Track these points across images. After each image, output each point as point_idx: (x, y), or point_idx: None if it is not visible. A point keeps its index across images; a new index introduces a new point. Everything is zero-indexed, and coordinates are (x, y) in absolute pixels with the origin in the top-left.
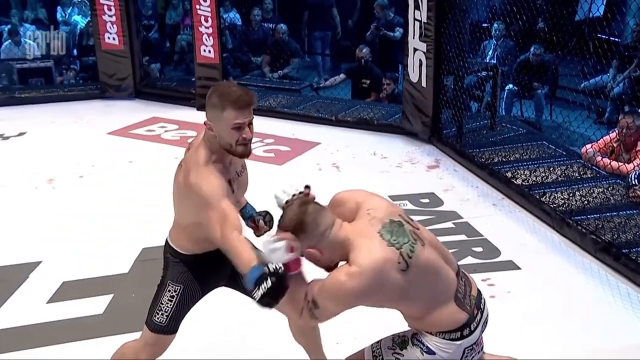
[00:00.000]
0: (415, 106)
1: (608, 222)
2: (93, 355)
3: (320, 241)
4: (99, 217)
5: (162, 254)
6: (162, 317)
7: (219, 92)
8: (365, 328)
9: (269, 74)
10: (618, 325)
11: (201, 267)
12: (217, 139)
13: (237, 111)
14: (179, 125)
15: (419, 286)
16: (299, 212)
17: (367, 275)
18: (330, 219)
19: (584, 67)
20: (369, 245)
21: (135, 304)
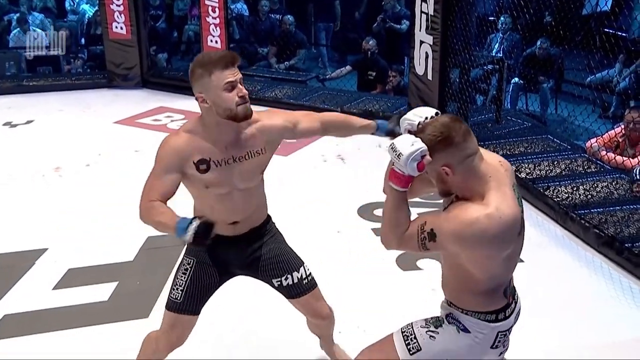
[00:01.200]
0: (421, 99)
1: (611, 216)
2: (98, 341)
3: (460, 164)
4: (105, 205)
5: (167, 242)
6: (176, 292)
7: (200, 61)
8: (367, 317)
9: (276, 65)
10: (620, 319)
11: (216, 248)
12: (213, 111)
13: (223, 70)
14: (185, 115)
15: (509, 260)
16: (450, 127)
17: (504, 223)
18: (476, 146)
19: (590, 62)
20: (508, 194)
21: (140, 291)
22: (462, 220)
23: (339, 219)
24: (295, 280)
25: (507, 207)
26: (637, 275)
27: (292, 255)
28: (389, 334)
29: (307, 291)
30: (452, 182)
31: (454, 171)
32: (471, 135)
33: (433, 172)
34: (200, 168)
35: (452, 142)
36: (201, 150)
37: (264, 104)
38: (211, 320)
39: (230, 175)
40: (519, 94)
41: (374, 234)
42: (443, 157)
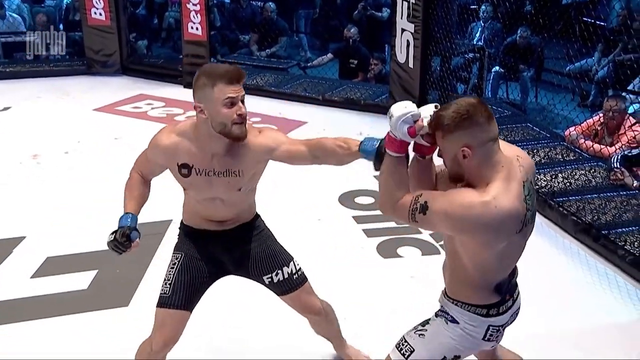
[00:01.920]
0: (402, 87)
1: (589, 204)
2: (78, 330)
3: (480, 148)
4: (84, 192)
5: (147, 230)
6: (165, 286)
7: (206, 71)
8: (348, 305)
9: (257, 53)
10: (596, 304)
11: (204, 243)
12: (209, 123)
13: (227, 85)
14: (166, 103)
15: (507, 256)
16: (475, 106)
17: (498, 214)
18: (496, 132)
19: (570, 51)
20: (514, 188)
21: (120, 279)
22: (457, 201)
23: (320, 207)
24: (285, 276)
25: (506, 199)
26: (613, 262)
27: (281, 251)
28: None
29: (298, 286)
30: (467, 165)
31: (474, 153)
32: (494, 119)
33: (451, 153)
34: (181, 171)
35: (478, 122)
36: (186, 155)
37: (246, 92)
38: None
39: (208, 185)
40: (499, 82)
41: (355, 222)
42: (465, 136)
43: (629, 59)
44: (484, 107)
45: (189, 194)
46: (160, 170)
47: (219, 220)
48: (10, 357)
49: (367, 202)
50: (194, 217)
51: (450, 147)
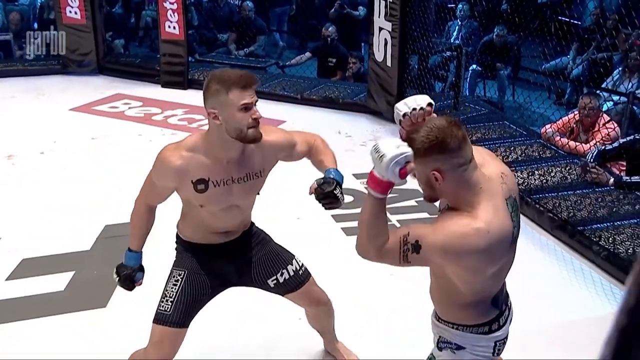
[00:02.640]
0: (380, 85)
1: (565, 201)
2: (55, 332)
3: (451, 172)
4: (60, 193)
5: (126, 231)
6: (166, 304)
7: (218, 77)
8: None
9: (235, 52)
10: (573, 299)
11: (208, 257)
12: (223, 128)
13: (242, 91)
14: (143, 102)
15: (498, 274)
16: (445, 131)
17: (492, 238)
18: (470, 153)
19: (545, 49)
20: (500, 207)
21: (97, 281)
22: (450, 233)
23: (299, 206)
24: (291, 274)
25: (497, 222)
26: (588, 257)
27: (281, 250)
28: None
29: (305, 281)
30: (441, 189)
31: (444, 178)
32: (467, 142)
33: (422, 176)
34: (198, 188)
35: (446, 149)
36: (201, 170)
37: None
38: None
39: (228, 194)
40: (477, 80)
41: (334, 221)
42: (435, 161)
43: (602, 58)
44: (457, 129)
45: (201, 210)
46: (170, 193)
47: (227, 231)
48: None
49: (347, 200)
50: (200, 232)
51: (421, 170)
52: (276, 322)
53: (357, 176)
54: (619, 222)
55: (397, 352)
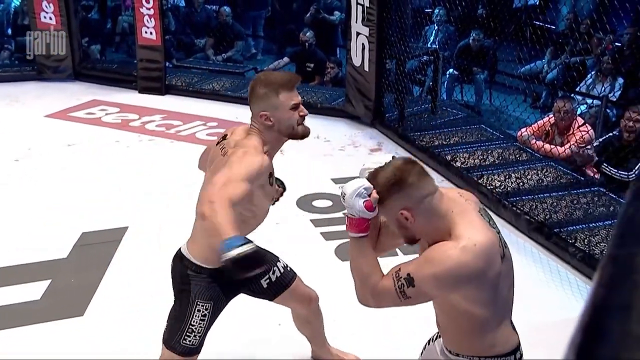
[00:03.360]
0: (358, 90)
1: (541, 203)
2: (32, 342)
3: (418, 207)
4: (36, 201)
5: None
6: (194, 338)
7: (264, 81)
8: None
9: (213, 57)
10: (550, 300)
11: (229, 279)
12: (274, 129)
13: (290, 92)
14: (120, 108)
15: (503, 285)
16: (402, 169)
17: (482, 250)
18: (433, 186)
19: (520, 53)
20: (476, 221)
21: (74, 289)
22: (437, 260)
23: (278, 211)
24: (281, 271)
25: (478, 234)
26: (564, 259)
27: (266, 251)
28: None
29: (294, 278)
30: (415, 226)
31: (414, 214)
32: (426, 175)
33: (393, 220)
34: (270, 181)
35: (406, 184)
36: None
37: (202, 97)
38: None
39: (273, 190)
40: (454, 84)
41: (313, 225)
42: (399, 200)
43: (576, 62)
44: (412, 165)
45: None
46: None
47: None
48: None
49: (325, 205)
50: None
51: (391, 214)
52: (256, 328)
53: (336, 181)
54: (594, 224)
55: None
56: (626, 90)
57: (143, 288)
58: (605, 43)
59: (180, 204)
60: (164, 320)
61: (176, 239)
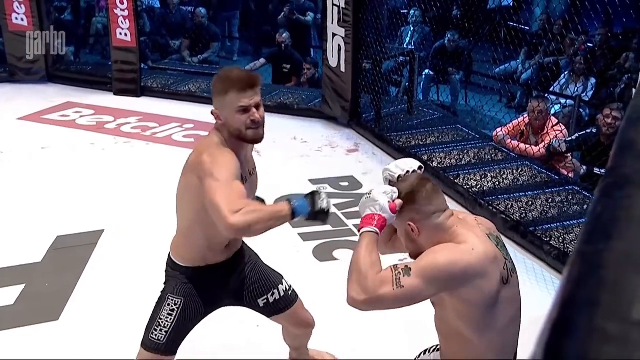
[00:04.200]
0: (335, 91)
1: (517, 202)
2: (4, 347)
3: (425, 221)
4: (10, 204)
5: (79, 241)
6: (160, 333)
7: (221, 77)
8: None
9: (189, 59)
10: (525, 299)
11: (205, 281)
12: (226, 128)
13: (240, 93)
14: (95, 111)
15: (503, 313)
16: (415, 184)
17: (477, 255)
18: (443, 204)
19: (495, 54)
20: (480, 235)
21: (49, 293)
22: (434, 252)
23: None
24: (281, 294)
25: (479, 242)
26: (540, 257)
27: (272, 270)
28: None
29: (294, 302)
30: (420, 239)
31: (420, 227)
32: (438, 193)
33: (402, 230)
34: (244, 178)
35: (415, 199)
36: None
37: (178, 98)
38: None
39: (251, 189)
40: (430, 85)
41: (290, 226)
42: (408, 213)
43: (550, 62)
44: (426, 182)
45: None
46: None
47: (229, 242)
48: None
49: None
50: (202, 252)
51: (400, 224)
52: (234, 329)
53: (313, 182)
54: (568, 222)
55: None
56: (598, 90)
57: (119, 291)
58: (577, 44)
59: (157, 206)
60: (140, 323)
61: (152, 241)
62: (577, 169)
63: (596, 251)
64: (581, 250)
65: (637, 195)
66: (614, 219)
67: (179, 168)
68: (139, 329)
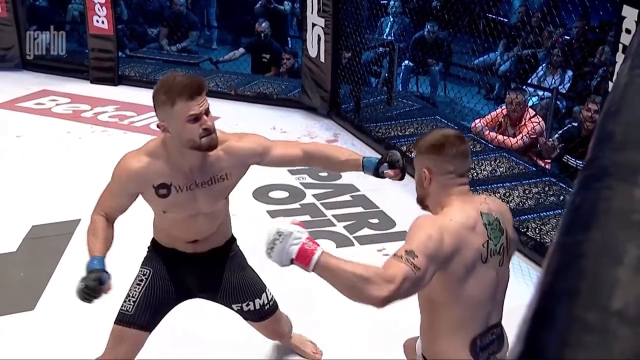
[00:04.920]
0: (314, 81)
1: (494, 193)
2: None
3: (439, 176)
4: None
5: (55, 231)
6: (128, 303)
7: (164, 86)
8: None
9: (167, 47)
10: None
11: (174, 262)
12: (176, 140)
13: (188, 101)
14: (72, 99)
15: (474, 288)
16: (449, 139)
17: (454, 226)
18: (463, 169)
19: (475, 45)
20: (470, 210)
21: (24, 283)
22: (421, 225)
23: (234, 202)
24: (257, 307)
25: (460, 214)
26: (517, 248)
27: (254, 281)
28: None
29: (267, 316)
30: (427, 189)
31: (432, 179)
32: (466, 158)
33: (417, 172)
34: (159, 193)
35: (441, 152)
36: (162, 175)
37: None
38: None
39: (192, 200)
40: (409, 76)
41: (269, 216)
42: (429, 161)
43: (528, 54)
44: (461, 142)
45: (166, 216)
46: (131, 201)
47: (195, 240)
48: None
49: (282, 196)
50: (165, 236)
51: (417, 166)
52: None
53: (292, 172)
54: (545, 213)
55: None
56: (575, 83)
57: None
58: (555, 36)
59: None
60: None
61: (129, 230)
62: (550, 149)
63: (575, 242)
64: (560, 241)
65: (615, 187)
66: (593, 210)
67: None
68: (113, 318)
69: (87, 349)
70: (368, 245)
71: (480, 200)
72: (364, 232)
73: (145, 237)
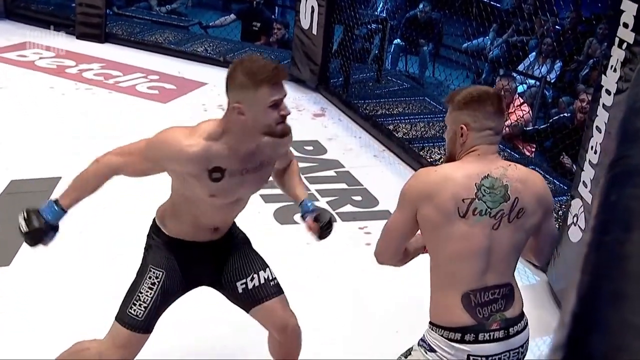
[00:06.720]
0: (305, 53)
1: None
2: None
3: (475, 132)
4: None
5: (34, 187)
6: (139, 308)
7: (247, 69)
8: None
9: (157, 8)
10: None
11: (188, 257)
12: (248, 124)
13: (272, 88)
14: (56, 53)
15: (452, 246)
16: (489, 94)
17: (435, 176)
18: (499, 127)
19: (467, 29)
20: (469, 169)
21: (0, 239)
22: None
23: None
24: (261, 281)
25: (449, 169)
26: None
27: (257, 256)
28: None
29: (274, 294)
30: (460, 144)
31: (467, 136)
32: (502, 115)
33: (452, 129)
34: (213, 177)
35: (484, 108)
36: (219, 158)
37: (143, 48)
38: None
39: (240, 185)
40: (399, 55)
41: (263, 201)
42: (467, 117)
43: (519, 41)
44: (499, 99)
45: (198, 201)
46: (150, 173)
47: (217, 227)
48: None
49: (270, 178)
50: (190, 228)
51: (452, 122)
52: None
53: None
54: None
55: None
56: (563, 74)
57: (73, 239)
58: (548, 25)
59: None
60: (93, 271)
61: (109, 191)
62: (527, 120)
63: (616, 242)
64: (598, 239)
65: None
66: (630, 211)
67: (142, 119)
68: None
69: (61, 306)
70: (350, 222)
71: (500, 164)
72: (347, 208)
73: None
